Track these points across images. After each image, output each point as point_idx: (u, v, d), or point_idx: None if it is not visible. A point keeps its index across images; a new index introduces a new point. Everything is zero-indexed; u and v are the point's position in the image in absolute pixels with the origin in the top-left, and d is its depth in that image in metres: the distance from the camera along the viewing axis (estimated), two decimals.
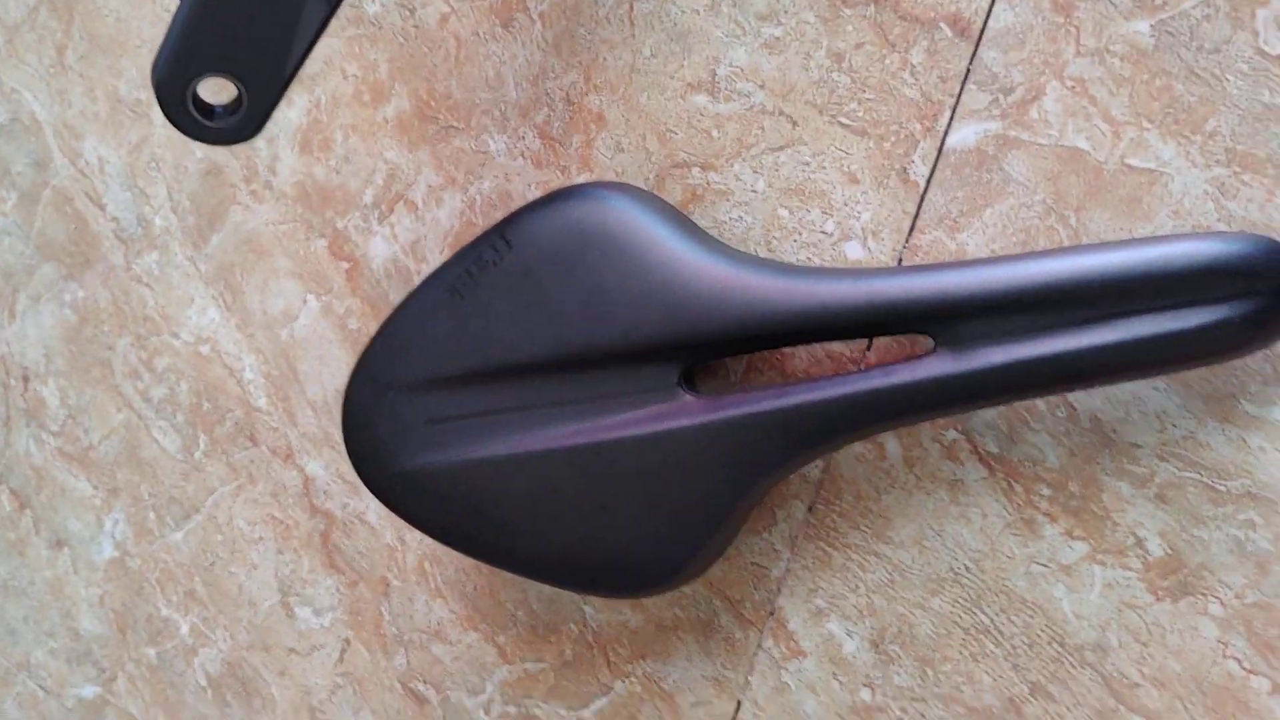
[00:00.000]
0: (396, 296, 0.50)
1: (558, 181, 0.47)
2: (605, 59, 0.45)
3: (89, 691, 0.59)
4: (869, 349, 0.42)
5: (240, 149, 0.53)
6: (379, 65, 0.50)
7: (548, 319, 0.42)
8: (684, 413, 0.40)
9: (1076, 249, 0.36)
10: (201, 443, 0.55)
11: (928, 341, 0.38)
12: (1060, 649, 0.40)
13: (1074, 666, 0.40)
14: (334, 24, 0.51)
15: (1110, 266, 0.36)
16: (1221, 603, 0.38)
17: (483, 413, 0.43)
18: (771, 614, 0.44)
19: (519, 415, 0.43)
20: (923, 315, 0.38)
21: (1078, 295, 0.36)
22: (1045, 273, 0.36)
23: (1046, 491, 0.40)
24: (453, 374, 0.43)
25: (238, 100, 0.40)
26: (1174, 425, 0.38)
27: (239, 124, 0.41)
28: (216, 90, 0.44)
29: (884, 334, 0.39)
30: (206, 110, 0.40)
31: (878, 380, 0.38)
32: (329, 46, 0.51)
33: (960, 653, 0.41)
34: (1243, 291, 0.35)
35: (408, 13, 0.49)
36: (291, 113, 0.52)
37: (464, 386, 0.43)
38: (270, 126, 0.52)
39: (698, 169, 0.44)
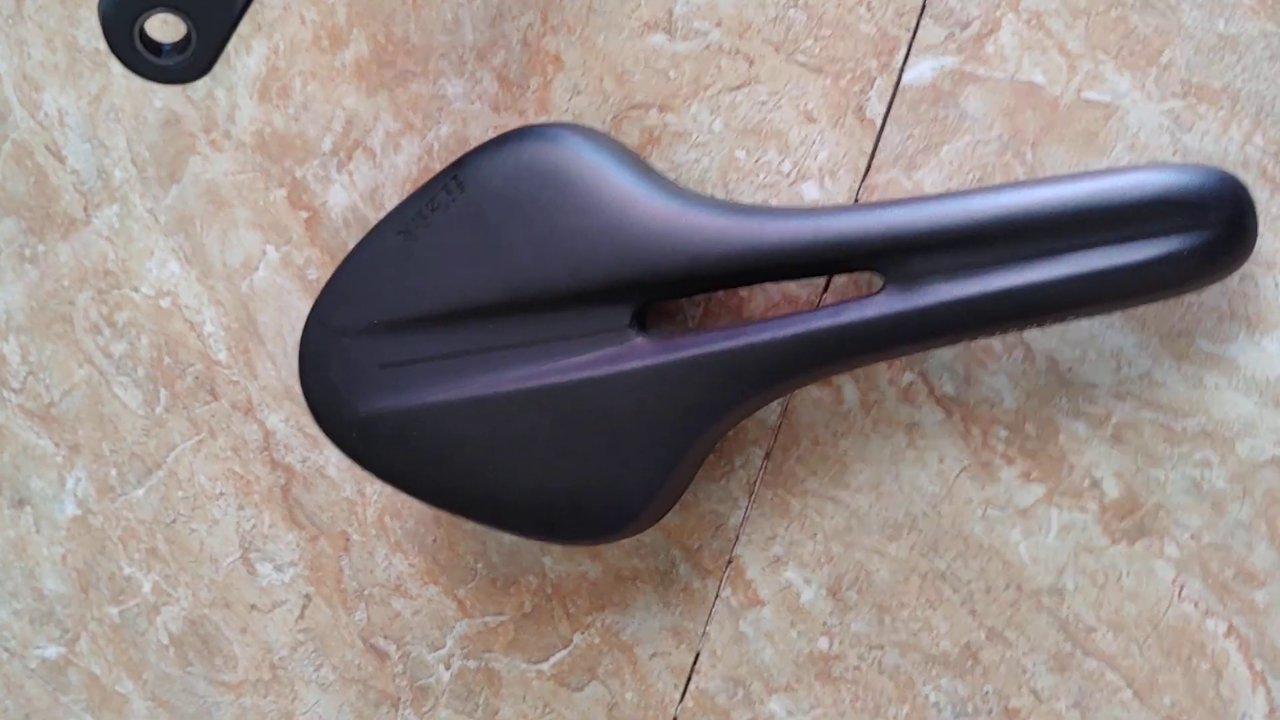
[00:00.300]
0: (354, 245, 0.51)
1: (515, 124, 0.47)
2: None
3: (52, 652, 0.60)
4: (825, 290, 0.42)
5: (199, 98, 0.54)
6: (337, 10, 0.51)
7: (500, 260, 0.43)
8: (635, 354, 0.41)
9: (1026, 183, 0.37)
10: (162, 398, 0.56)
11: (880, 280, 0.38)
12: (1017, 593, 0.40)
13: (1031, 611, 0.40)
14: None
15: (1060, 199, 0.36)
16: (1177, 544, 0.38)
17: (437, 356, 0.44)
18: (729, 563, 0.45)
19: (473, 358, 0.43)
20: (870, 252, 0.38)
21: (1027, 229, 0.36)
22: (994, 207, 0.37)
23: (1003, 433, 0.40)
24: (407, 317, 0.44)
25: (186, 37, 0.41)
26: (1130, 364, 0.38)
27: (188, 62, 0.41)
28: (167, 29, 0.45)
29: (832, 272, 0.39)
30: (155, 48, 0.41)
31: (826, 319, 0.39)
32: None
33: (917, 599, 0.42)
34: (1194, 223, 0.35)
35: None
36: (250, 60, 0.52)
37: (418, 330, 0.44)
38: (229, 74, 0.53)
39: (655, 110, 0.45)
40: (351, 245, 0.51)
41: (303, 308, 0.52)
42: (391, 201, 0.50)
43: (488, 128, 0.48)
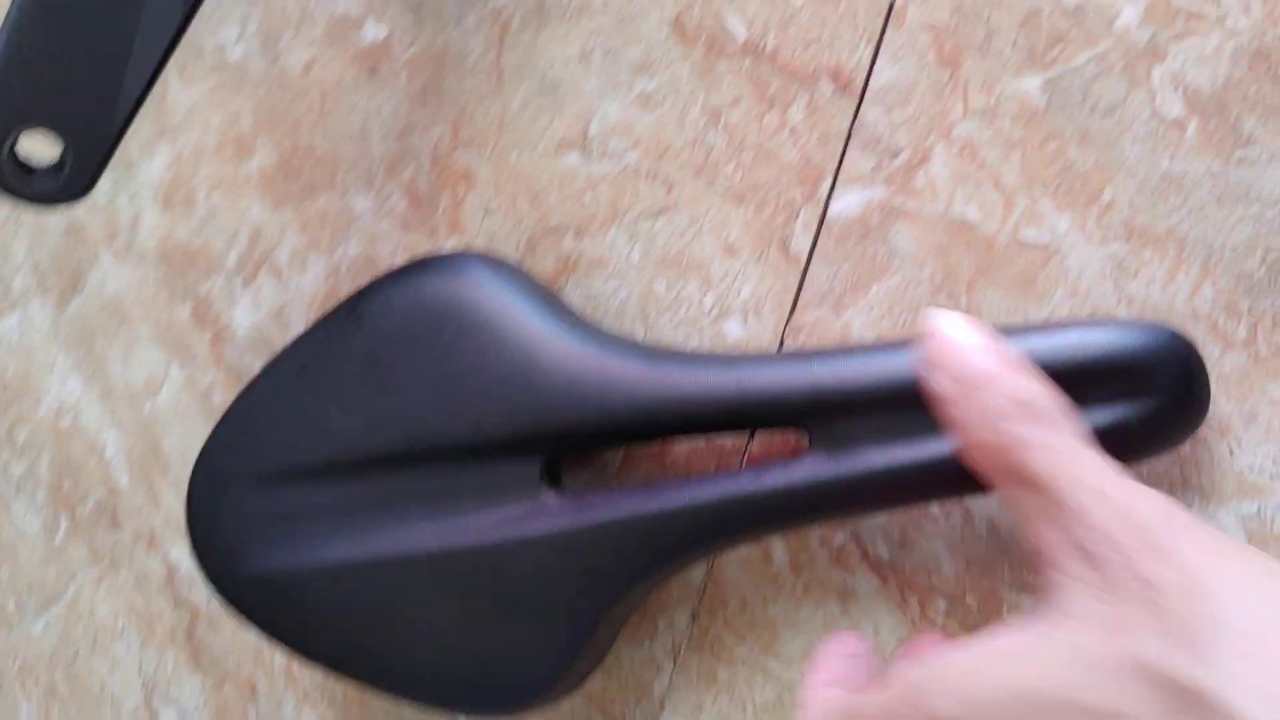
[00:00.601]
0: (258, 369, 0.50)
1: (425, 245, 0.46)
2: (473, 112, 0.45)
3: None
4: (751, 440, 0.41)
5: (102, 204, 0.53)
6: (242, 116, 0.50)
7: (399, 406, 0.41)
8: (545, 514, 0.40)
9: None
10: (63, 524, 0.55)
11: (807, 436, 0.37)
12: None
13: None
14: (195, 70, 0.51)
15: None
16: None
17: (333, 511, 0.42)
18: None
19: (371, 515, 0.42)
20: (794, 411, 0.37)
21: None
22: None
23: (943, 604, 0.39)
24: (302, 466, 0.43)
25: (62, 156, 0.40)
26: None
27: (64, 184, 0.41)
28: (44, 145, 0.44)
29: (754, 427, 0.38)
30: (28, 168, 0.40)
31: (748, 484, 0.37)
32: (191, 95, 0.51)
33: None
34: (1140, 389, 0.34)
35: (270, 60, 0.49)
36: (154, 165, 0.52)
37: (313, 480, 0.43)
38: (132, 180, 0.53)
39: (571, 234, 0.43)
40: (255, 368, 0.50)
41: (206, 434, 0.51)
42: (297, 322, 0.49)
43: (397, 247, 0.47)
